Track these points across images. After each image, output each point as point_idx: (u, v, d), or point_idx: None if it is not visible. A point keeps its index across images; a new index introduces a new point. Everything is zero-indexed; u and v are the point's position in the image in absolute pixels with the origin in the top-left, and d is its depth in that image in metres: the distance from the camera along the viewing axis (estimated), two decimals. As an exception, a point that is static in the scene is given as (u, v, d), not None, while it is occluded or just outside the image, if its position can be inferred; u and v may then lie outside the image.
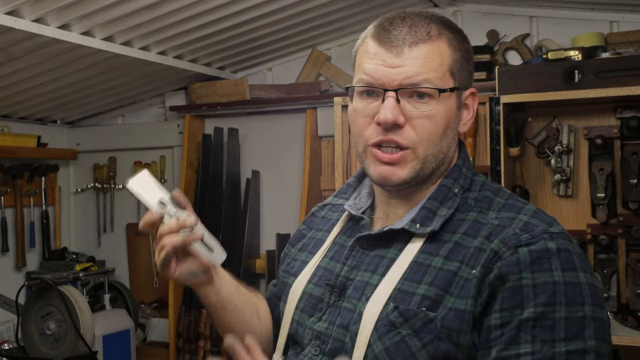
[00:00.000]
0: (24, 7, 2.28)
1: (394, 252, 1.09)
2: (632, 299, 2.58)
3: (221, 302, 1.23)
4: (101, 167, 3.76)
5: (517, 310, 0.96)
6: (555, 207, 2.75)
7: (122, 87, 3.32)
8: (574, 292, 0.97)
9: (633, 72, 2.45)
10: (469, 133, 2.72)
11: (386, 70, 1.06)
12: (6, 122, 3.42)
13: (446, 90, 1.07)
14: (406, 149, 1.07)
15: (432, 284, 1.02)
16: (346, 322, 1.08)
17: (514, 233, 1.01)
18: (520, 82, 2.59)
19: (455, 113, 1.11)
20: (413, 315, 1.01)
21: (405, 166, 1.07)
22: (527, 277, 0.97)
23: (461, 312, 0.99)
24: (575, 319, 0.96)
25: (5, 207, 3.42)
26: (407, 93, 1.06)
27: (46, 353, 2.81)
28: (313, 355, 1.10)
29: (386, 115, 1.04)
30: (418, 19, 1.10)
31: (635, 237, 2.59)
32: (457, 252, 1.04)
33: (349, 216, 1.20)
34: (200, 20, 2.68)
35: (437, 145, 1.08)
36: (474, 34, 3.01)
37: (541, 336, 0.95)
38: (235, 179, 3.42)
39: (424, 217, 1.08)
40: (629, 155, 2.58)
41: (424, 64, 1.06)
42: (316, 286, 1.16)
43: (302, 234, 1.32)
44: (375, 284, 1.07)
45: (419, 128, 1.06)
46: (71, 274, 3.04)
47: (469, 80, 1.14)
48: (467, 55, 1.14)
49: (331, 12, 2.88)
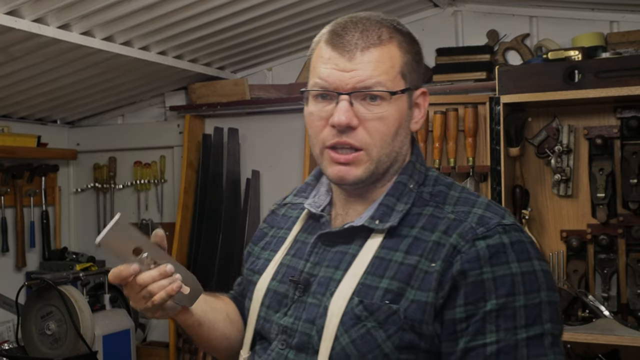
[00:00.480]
0: (24, 7, 2.28)
1: (355, 248, 1.13)
2: (632, 299, 2.58)
3: (197, 320, 1.25)
4: (101, 167, 3.76)
5: (481, 303, 1.03)
6: (555, 207, 2.76)
7: (122, 87, 3.32)
8: (531, 281, 1.05)
9: (633, 72, 2.45)
10: (469, 133, 2.72)
11: (339, 75, 1.10)
12: (6, 122, 3.41)
13: (397, 92, 1.11)
14: (360, 150, 1.12)
15: (394, 278, 1.07)
16: (312, 317, 1.12)
17: (470, 227, 1.07)
18: (520, 82, 2.59)
19: (407, 113, 1.16)
20: (377, 308, 1.06)
21: (359, 166, 1.12)
22: (488, 271, 1.03)
23: (423, 303, 1.05)
24: (533, 305, 1.04)
25: (5, 207, 3.42)
26: (360, 96, 1.10)
27: (46, 353, 2.81)
28: (280, 349, 1.15)
29: (340, 118, 1.09)
30: (370, 23, 1.13)
31: (635, 237, 2.59)
32: (416, 247, 1.09)
33: (308, 214, 1.25)
34: (200, 20, 2.68)
35: (389, 145, 1.13)
36: (474, 34, 3.03)
37: (504, 325, 1.02)
38: (235, 179, 3.42)
39: (382, 213, 1.13)
40: (629, 155, 2.58)
41: (375, 67, 1.10)
42: (280, 283, 1.20)
43: (264, 232, 1.35)
44: (339, 279, 1.11)
45: (372, 130, 1.11)
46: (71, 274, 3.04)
47: (419, 80, 1.18)
48: (417, 57, 1.18)
49: (331, 12, 2.88)
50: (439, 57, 3.02)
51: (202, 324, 1.26)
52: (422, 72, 1.20)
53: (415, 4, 3.05)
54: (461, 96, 2.85)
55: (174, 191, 3.58)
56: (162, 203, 3.64)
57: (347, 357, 1.07)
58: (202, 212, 3.38)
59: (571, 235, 2.70)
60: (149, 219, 3.65)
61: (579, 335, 2.49)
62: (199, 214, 3.39)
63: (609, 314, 2.50)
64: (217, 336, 1.30)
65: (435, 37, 3.08)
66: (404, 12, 3.11)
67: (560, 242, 2.74)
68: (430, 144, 2.77)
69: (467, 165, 2.73)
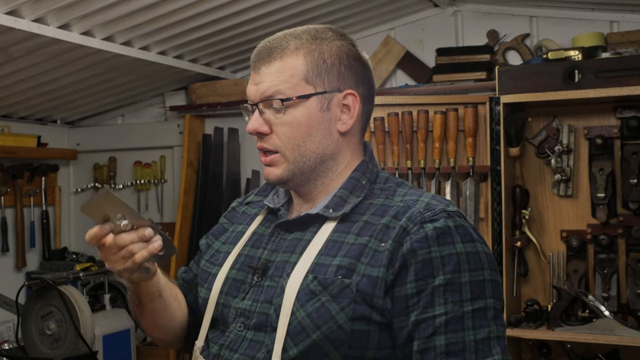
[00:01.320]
0: (24, 7, 2.28)
1: (309, 235, 1.23)
2: (632, 298, 2.58)
3: (159, 290, 1.30)
4: (101, 167, 3.76)
5: (430, 279, 1.12)
6: (555, 207, 2.76)
7: (122, 87, 3.32)
8: (475, 260, 1.15)
9: (633, 72, 2.45)
10: (469, 133, 2.72)
11: (253, 89, 1.26)
12: (6, 122, 3.41)
13: (290, 99, 1.21)
14: (275, 153, 1.25)
15: (345, 256, 1.16)
16: (269, 297, 1.19)
17: (418, 212, 1.17)
18: (520, 82, 2.59)
19: (321, 115, 1.23)
20: (330, 283, 1.14)
21: (278, 166, 1.25)
22: (435, 250, 1.13)
23: (374, 278, 1.13)
24: (478, 282, 1.14)
25: (5, 207, 3.42)
26: (267, 105, 1.23)
27: (46, 353, 2.81)
28: (238, 331, 1.22)
29: (250, 126, 1.25)
30: (282, 40, 1.25)
31: (635, 237, 2.59)
32: (366, 229, 1.18)
33: (267, 210, 1.35)
34: (200, 20, 2.68)
35: (301, 147, 1.23)
36: (474, 34, 3.03)
37: (451, 298, 1.12)
38: (235, 179, 3.42)
39: (335, 203, 1.23)
40: (629, 155, 2.58)
41: (274, 78, 1.22)
42: (238, 271, 1.28)
43: (224, 227, 1.43)
44: (295, 262, 1.20)
45: (280, 134, 1.23)
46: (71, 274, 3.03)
47: (344, 83, 1.25)
48: (336, 62, 1.24)
49: (331, 12, 2.88)
50: (439, 57, 3.02)
51: (162, 296, 1.31)
52: (355, 77, 1.26)
53: (415, 4, 3.05)
54: (461, 96, 2.85)
55: (174, 191, 3.58)
56: (162, 203, 3.64)
57: (304, 329, 1.13)
58: (202, 212, 3.38)
59: (571, 235, 2.70)
60: (149, 219, 3.63)
61: (579, 335, 2.49)
62: (199, 214, 3.39)
63: (609, 314, 2.50)
64: (167, 314, 1.35)
65: (435, 37, 3.08)
66: (404, 12, 3.11)
67: (560, 242, 2.74)
68: (430, 144, 2.78)
69: (467, 165, 2.73)
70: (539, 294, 2.77)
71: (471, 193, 2.73)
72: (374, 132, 2.80)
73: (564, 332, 2.53)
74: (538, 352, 2.72)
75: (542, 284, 2.78)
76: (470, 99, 2.78)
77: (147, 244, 1.17)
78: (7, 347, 3.00)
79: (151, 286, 1.28)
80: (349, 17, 3.00)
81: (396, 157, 2.79)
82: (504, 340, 1.15)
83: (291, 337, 1.14)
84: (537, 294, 2.77)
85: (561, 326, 2.54)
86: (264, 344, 1.17)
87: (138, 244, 1.16)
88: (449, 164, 2.75)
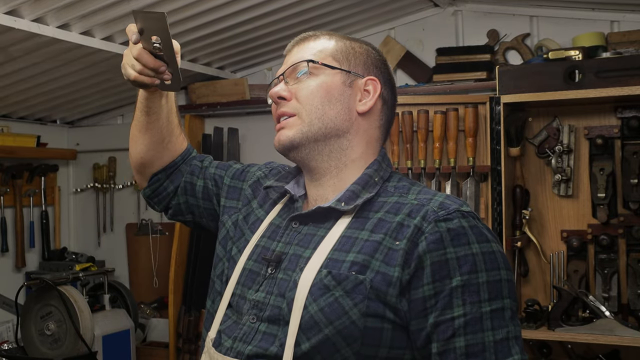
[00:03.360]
0: (24, 7, 2.27)
1: (323, 230, 1.23)
2: (632, 299, 2.58)
3: (161, 104, 1.41)
4: (101, 167, 3.76)
5: (446, 280, 1.12)
6: (555, 207, 2.75)
7: (122, 87, 3.31)
8: (491, 260, 1.15)
9: (633, 72, 2.45)
10: (469, 133, 2.71)
11: (284, 66, 1.32)
12: (6, 122, 3.41)
13: (317, 62, 1.26)
14: (293, 115, 1.28)
15: (359, 252, 1.17)
16: (282, 291, 1.19)
17: (432, 210, 1.17)
18: (520, 82, 2.59)
19: (342, 88, 1.28)
20: (345, 278, 1.15)
21: (292, 128, 1.27)
22: (451, 251, 1.13)
23: (389, 276, 1.13)
24: (495, 282, 1.14)
25: (5, 207, 3.42)
26: (292, 75, 1.29)
27: (46, 353, 2.81)
28: (251, 322, 1.22)
29: (272, 91, 1.29)
30: (312, 34, 1.33)
31: (635, 237, 2.59)
32: (380, 226, 1.19)
33: (287, 199, 1.35)
34: (200, 20, 2.68)
35: (319, 110, 1.26)
36: (474, 34, 3.03)
37: (470, 299, 1.12)
38: (235, 179, 3.41)
39: (348, 197, 1.24)
40: (629, 155, 2.57)
41: (303, 53, 1.30)
42: (255, 262, 1.29)
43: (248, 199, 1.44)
44: (308, 256, 1.20)
45: (300, 97, 1.27)
46: (71, 274, 3.04)
47: (364, 70, 1.31)
48: (364, 53, 1.32)
49: (331, 12, 2.87)
50: (439, 57, 3.02)
51: (162, 108, 1.42)
52: (379, 71, 1.32)
53: (415, 4, 3.05)
54: (461, 96, 2.85)
55: (173, 191, 3.57)
56: (162, 203, 3.63)
57: (316, 324, 1.14)
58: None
59: (572, 235, 2.70)
60: (149, 219, 3.65)
61: (580, 336, 2.49)
62: (199, 214, 3.38)
63: (609, 314, 2.50)
64: (162, 131, 1.45)
65: (436, 37, 3.08)
66: (404, 12, 3.11)
67: (560, 242, 2.74)
68: (430, 144, 2.77)
69: (468, 165, 2.73)
70: (539, 294, 2.77)
71: (471, 193, 2.73)
72: (374, 132, 2.80)
73: (564, 333, 2.53)
74: (538, 352, 2.72)
75: (542, 284, 2.77)
76: (470, 99, 2.78)
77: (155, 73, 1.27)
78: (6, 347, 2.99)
79: (155, 98, 1.39)
80: (349, 17, 3.00)
81: (396, 157, 2.78)
82: (521, 340, 1.15)
83: (303, 331, 1.14)
84: (537, 294, 2.77)
85: (561, 326, 2.54)
86: (277, 337, 1.17)
87: (148, 70, 1.27)
88: (449, 164, 2.75)
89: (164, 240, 3.59)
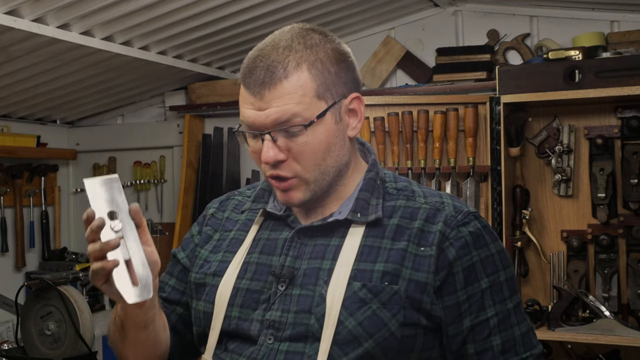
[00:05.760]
0: (24, 7, 2.27)
1: (336, 240, 1.19)
2: (632, 299, 2.58)
3: (145, 321, 1.18)
4: (101, 167, 3.76)
5: (476, 283, 1.16)
6: (555, 207, 2.75)
7: (122, 87, 3.31)
8: (504, 258, 1.21)
9: (633, 72, 2.45)
10: (469, 133, 2.71)
11: (256, 115, 1.14)
12: (6, 122, 3.41)
13: (313, 121, 1.13)
14: (293, 178, 1.17)
15: (387, 261, 1.15)
16: (307, 307, 1.14)
17: (451, 215, 1.19)
18: (520, 82, 2.59)
19: (337, 127, 1.18)
20: (380, 290, 1.13)
21: (298, 190, 1.18)
22: (475, 254, 1.17)
23: (422, 284, 1.14)
24: (510, 278, 1.20)
25: (5, 207, 3.41)
26: (281, 132, 1.14)
27: (46, 353, 2.81)
28: (269, 344, 1.15)
29: (266, 157, 1.14)
30: (276, 54, 1.15)
31: (635, 237, 2.58)
32: (400, 233, 1.18)
33: (264, 216, 1.28)
34: (200, 20, 2.68)
35: (321, 166, 1.17)
36: (474, 33, 3.03)
37: (497, 299, 1.17)
38: (235, 179, 3.41)
39: (361, 207, 1.20)
40: (629, 155, 2.57)
41: (286, 101, 1.12)
42: (252, 281, 1.21)
43: (208, 235, 1.34)
44: (328, 268, 1.16)
45: (300, 158, 1.15)
46: (71, 274, 3.03)
47: (347, 87, 1.19)
48: (336, 68, 1.17)
49: (331, 12, 2.87)
50: (439, 57, 3.02)
51: (148, 327, 1.20)
52: (351, 76, 1.20)
53: (415, 4, 3.05)
54: (461, 96, 2.85)
55: (173, 191, 3.58)
56: (162, 203, 3.64)
57: (355, 338, 1.11)
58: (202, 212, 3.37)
59: (572, 235, 2.70)
60: (149, 219, 3.64)
61: (580, 336, 2.49)
62: (199, 214, 3.36)
63: (609, 314, 2.50)
64: (151, 344, 1.24)
65: (436, 37, 3.08)
66: (404, 12, 3.11)
67: (560, 242, 2.74)
68: (430, 143, 2.77)
69: (468, 165, 2.73)
70: (539, 294, 2.77)
71: (471, 193, 2.72)
72: (374, 132, 2.80)
73: (564, 333, 2.52)
74: (538, 352, 2.72)
75: (542, 284, 2.77)
76: (470, 99, 2.78)
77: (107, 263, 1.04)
78: (6, 347, 2.99)
79: (136, 315, 1.16)
80: (349, 17, 3.00)
81: (396, 157, 2.78)
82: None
83: (339, 346, 1.11)
84: (537, 294, 2.77)
85: (561, 326, 2.53)
86: (305, 354, 1.12)
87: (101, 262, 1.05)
88: (449, 164, 2.75)
89: (164, 240, 3.59)
